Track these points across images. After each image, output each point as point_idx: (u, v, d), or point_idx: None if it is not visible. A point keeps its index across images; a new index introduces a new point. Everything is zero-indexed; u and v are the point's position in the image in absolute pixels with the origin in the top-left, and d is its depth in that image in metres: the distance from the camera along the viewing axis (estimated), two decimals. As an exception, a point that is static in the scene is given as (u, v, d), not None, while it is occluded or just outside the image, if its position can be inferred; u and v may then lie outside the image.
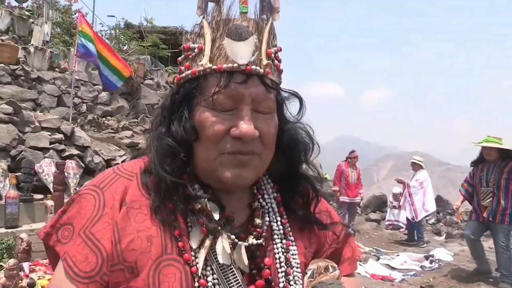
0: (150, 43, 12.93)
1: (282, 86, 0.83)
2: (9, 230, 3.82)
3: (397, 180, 8.82)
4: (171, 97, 0.80)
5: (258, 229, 0.79)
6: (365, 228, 9.79)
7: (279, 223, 0.84)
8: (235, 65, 0.72)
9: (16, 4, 10.39)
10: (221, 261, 0.73)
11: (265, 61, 0.75)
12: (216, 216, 0.75)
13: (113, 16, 38.32)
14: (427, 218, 10.15)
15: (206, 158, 0.75)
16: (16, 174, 4.33)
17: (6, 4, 9.59)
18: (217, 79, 0.72)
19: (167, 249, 0.72)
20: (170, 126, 0.77)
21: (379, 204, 12.14)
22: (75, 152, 5.44)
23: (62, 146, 5.38)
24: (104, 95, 8.58)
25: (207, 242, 0.73)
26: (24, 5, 10.82)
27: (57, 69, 7.95)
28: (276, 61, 0.79)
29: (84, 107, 8.04)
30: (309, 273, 0.82)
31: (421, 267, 6.42)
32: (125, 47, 12.78)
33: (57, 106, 7.38)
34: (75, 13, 12.02)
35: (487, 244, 8.84)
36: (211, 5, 0.77)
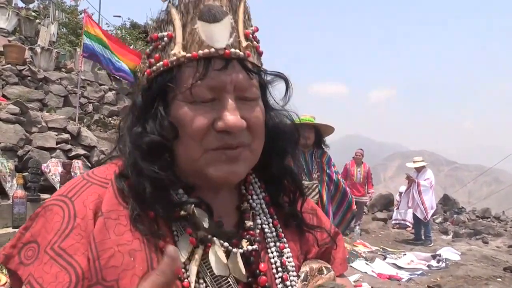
0: (156, 43, 12.96)
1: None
2: (17, 230, 3.84)
3: (407, 176, 8.66)
4: (142, 94, 0.71)
5: (251, 232, 0.73)
6: (372, 227, 9.77)
7: (271, 225, 0.78)
8: (212, 50, 0.64)
9: (23, 5, 10.46)
10: (217, 273, 0.66)
11: (244, 43, 0.67)
12: (206, 224, 0.67)
13: (119, 16, 38.94)
14: (433, 217, 10.10)
15: (189, 157, 0.67)
16: (23, 174, 4.36)
17: (13, 5, 9.65)
18: (194, 69, 0.64)
19: (153, 263, 0.63)
20: (145, 126, 0.68)
21: (386, 203, 12.11)
22: (82, 152, 5.47)
23: (68, 146, 5.41)
24: (110, 95, 8.62)
25: (198, 253, 0.66)
26: (31, 6, 10.89)
27: (63, 69, 8.00)
28: (255, 42, 0.71)
29: (90, 107, 8.08)
30: (302, 276, 0.77)
31: (428, 266, 6.39)
32: (131, 47, 12.82)
33: (64, 106, 7.43)
34: (81, 14, 12.08)
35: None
36: None
